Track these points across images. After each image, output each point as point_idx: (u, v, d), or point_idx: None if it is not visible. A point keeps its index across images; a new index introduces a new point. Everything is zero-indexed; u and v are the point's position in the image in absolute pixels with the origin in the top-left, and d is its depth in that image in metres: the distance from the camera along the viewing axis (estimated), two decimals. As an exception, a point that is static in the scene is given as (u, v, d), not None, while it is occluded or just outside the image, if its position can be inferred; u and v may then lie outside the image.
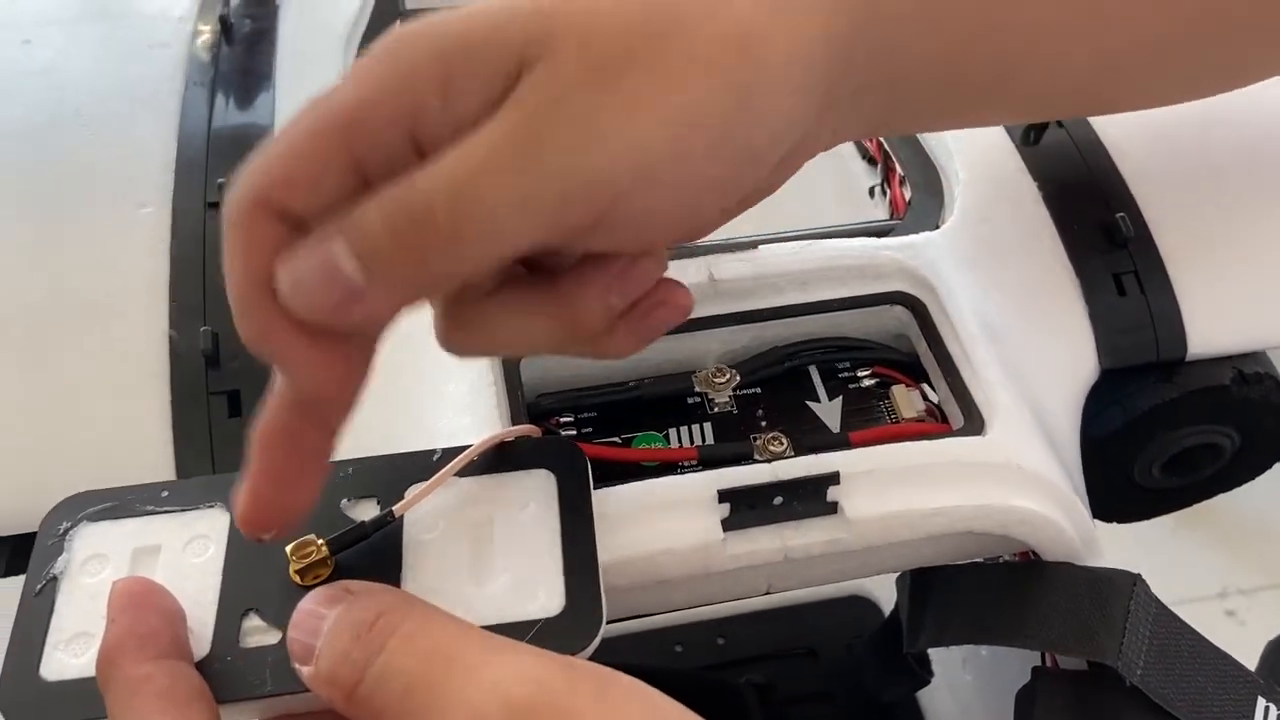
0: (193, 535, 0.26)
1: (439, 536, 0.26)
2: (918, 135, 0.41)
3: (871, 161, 0.44)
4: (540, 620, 0.24)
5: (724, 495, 0.28)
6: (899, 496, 0.28)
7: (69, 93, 0.40)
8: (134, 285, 0.34)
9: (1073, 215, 0.38)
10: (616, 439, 0.32)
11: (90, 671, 0.23)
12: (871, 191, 0.44)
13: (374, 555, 0.25)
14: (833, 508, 0.28)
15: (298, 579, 0.24)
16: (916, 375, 0.34)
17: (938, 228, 0.37)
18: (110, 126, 0.39)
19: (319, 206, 0.21)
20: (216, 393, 0.32)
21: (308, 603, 0.23)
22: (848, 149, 0.46)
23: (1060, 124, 0.40)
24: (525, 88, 0.21)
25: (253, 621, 0.24)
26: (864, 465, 0.29)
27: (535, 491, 0.27)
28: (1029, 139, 0.40)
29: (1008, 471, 0.29)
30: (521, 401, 0.31)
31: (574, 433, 0.32)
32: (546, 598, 0.25)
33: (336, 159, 0.21)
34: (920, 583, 0.33)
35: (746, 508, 0.28)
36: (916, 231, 0.37)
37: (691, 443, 0.32)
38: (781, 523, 0.28)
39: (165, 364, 0.32)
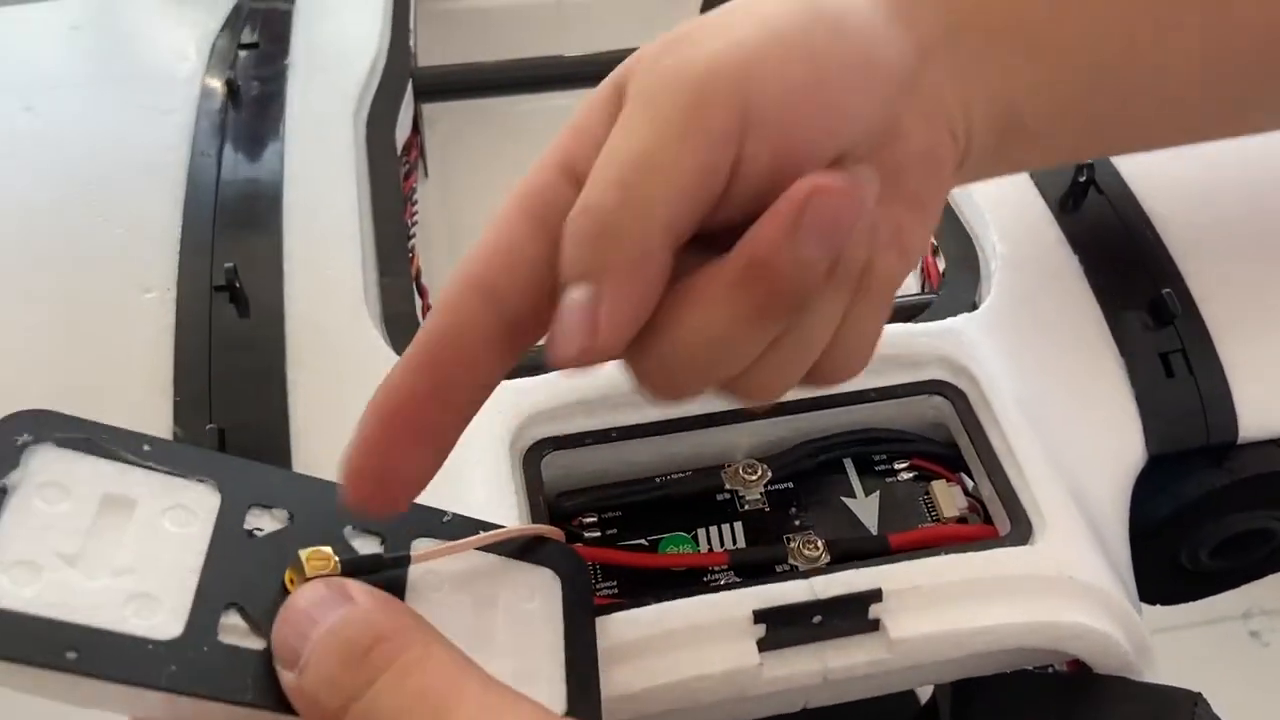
0: (176, 503, 0.23)
1: (443, 597, 0.24)
2: (951, 201, 0.40)
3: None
4: None
5: (760, 616, 0.26)
6: (945, 614, 0.27)
7: (72, 165, 0.39)
8: (135, 379, 0.32)
9: (1116, 291, 0.36)
10: (643, 540, 0.31)
11: (30, 608, 0.20)
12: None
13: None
14: (874, 625, 0.27)
15: (294, 588, 0.22)
16: (955, 466, 0.32)
17: (975, 305, 0.36)
18: (115, 203, 0.38)
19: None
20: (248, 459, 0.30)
21: (302, 600, 0.21)
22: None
23: (1100, 190, 0.39)
24: (629, 91, 0.23)
25: (233, 619, 0.22)
26: (907, 580, 0.27)
27: (541, 588, 0.25)
28: (1067, 205, 0.38)
29: (1059, 584, 0.28)
30: (543, 504, 0.30)
31: (598, 534, 0.31)
32: (548, 696, 0.23)
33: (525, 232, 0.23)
34: (964, 691, 0.31)
35: (784, 626, 0.27)
36: (952, 309, 0.35)
37: (721, 544, 0.30)
38: (821, 641, 0.27)
39: (169, 465, 0.31)
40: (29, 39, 0.48)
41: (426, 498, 0.27)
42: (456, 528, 0.25)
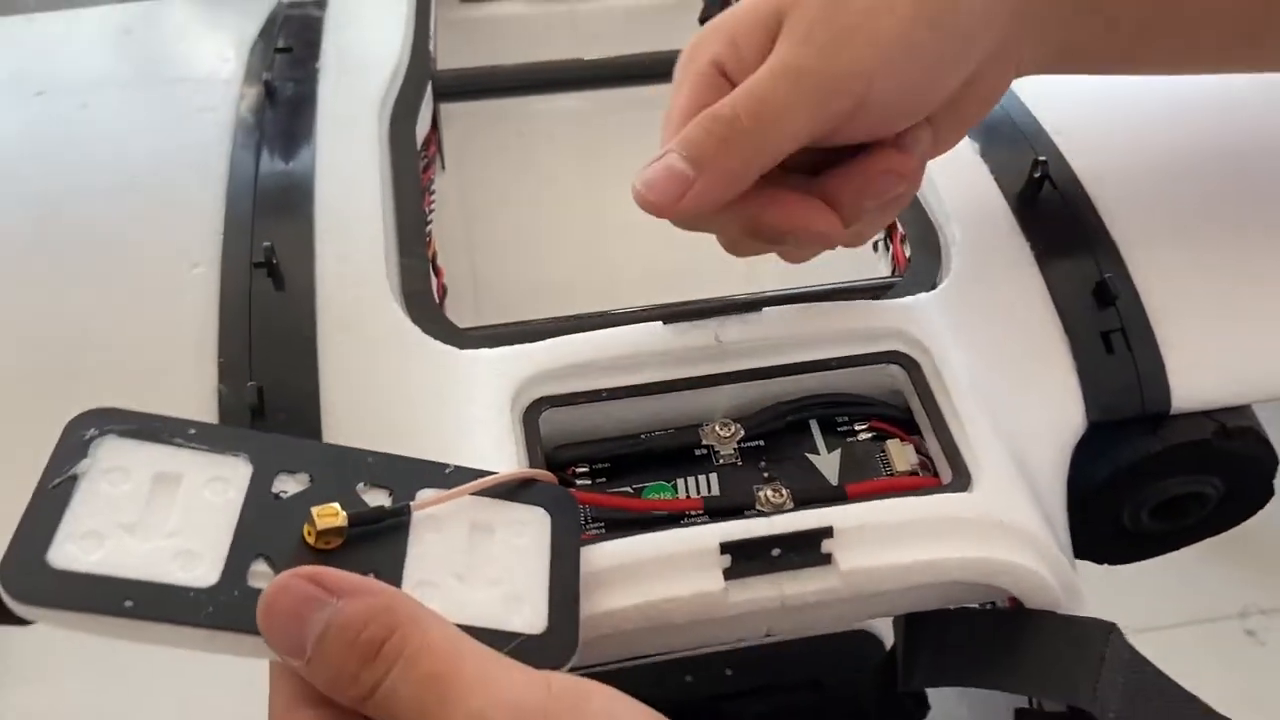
0: (215, 475, 0.27)
1: (442, 538, 0.28)
2: (918, 195, 0.43)
3: (876, 217, 0.46)
4: (522, 635, 0.27)
5: (725, 547, 0.30)
6: (888, 549, 0.31)
7: (126, 158, 0.44)
8: (186, 344, 0.36)
9: (1064, 275, 0.40)
10: (629, 488, 0.35)
11: (96, 569, 0.24)
12: (875, 246, 0.46)
13: (382, 540, 0.27)
14: (826, 559, 0.31)
15: (311, 540, 0.27)
16: (911, 430, 0.36)
17: (934, 287, 0.39)
18: (164, 191, 0.42)
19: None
20: (276, 434, 0.35)
21: (286, 598, 0.24)
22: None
23: (1054, 185, 0.42)
24: (785, 29, 0.32)
25: (261, 566, 0.26)
26: (856, 520, 0.31)
27: (532, 524, 0.29)
28: (1025, 198, 0.42)
29: (991, 526, 0.32)
30: (540, 452, 0.34)
31: (589, 482, 0.35)
32: (531, 616, 0.27)
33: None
34: (914, 626, 0.35)
35: (746, 559, 0.30)
36: (913, 289, 0.39)
37: (698, 492, 0.34)
38: (779, 573, 0.31)
39: (215, 417, 0.35)
40: (85, 42, 0.53)
41: (437, 452, 0.32)
42: (457, 477, 0.29)
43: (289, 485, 0.28)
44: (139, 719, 1.06)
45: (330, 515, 0.27)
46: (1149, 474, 0.39)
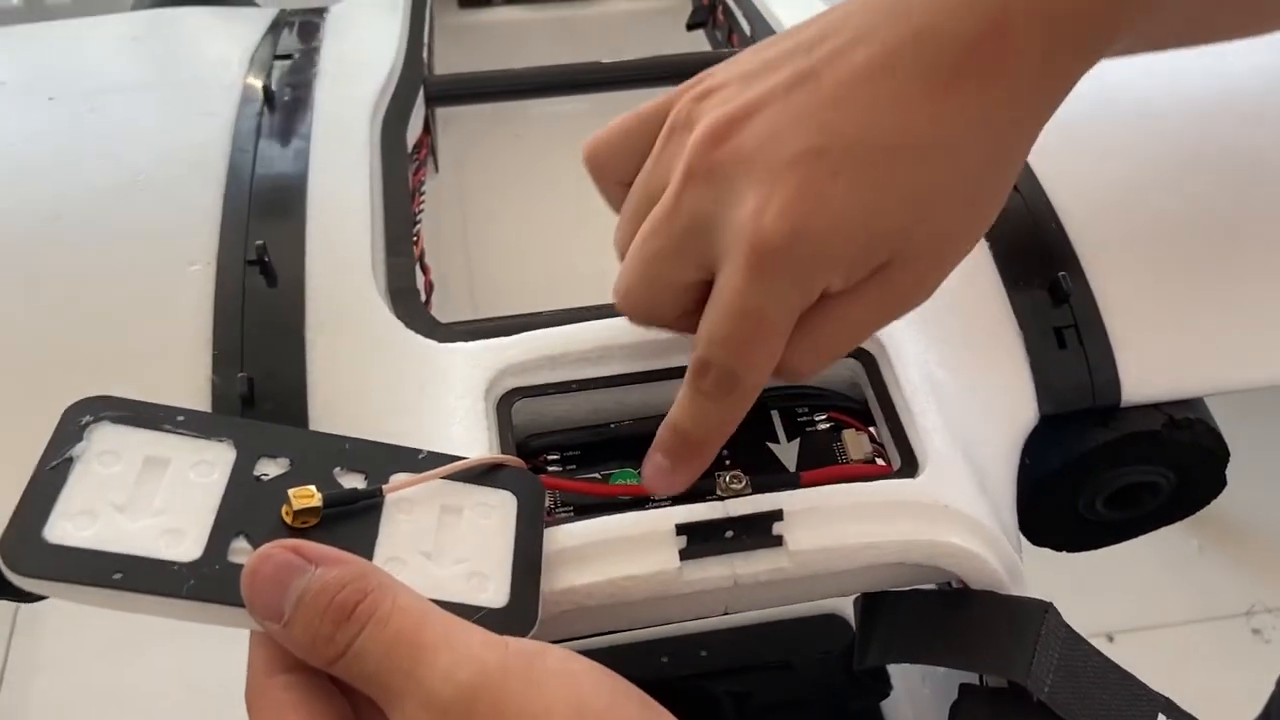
0: (200, 459, 0.30)
1: (413, 519, 0.30)
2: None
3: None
4: (484, 609, 0.29)
5: (681, 529, 0.32)
6: (836, 531, 0.33)
7: (130, 158, 0.46)
8: (183, 336, 0.39)
9: (1019, 273, 0.41)
10: (597, 475, 0.37)
11: (88, 544, 0.26)
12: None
13: (355, 520, 0.29)
14: (777, 540, 0.33)
15: (288, 520, 0.29)
16: (867, 420, 0.38)
17: (895, 285, 0.41)
18: (166, 191, 0.44)
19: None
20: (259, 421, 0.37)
21: (269, 566, 0.26)
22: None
23: (1015, 188, 0.44)
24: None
25: (241, 544, 0.28)
26: (807, 504, 0.33)
27: (499, 506, 0.31)
28: (987, 200, 0.44)
29: (936, 510, 0.33)
30: (511, 440, 0.36)
31: (559, 468, 0.37)
32: (494, 592, 0.29)
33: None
34: (869, 606, 0.37)
35: (701, 540, 0.32)
36: (876, 288, 0.41)
37: (663, 479, 0.36)
38: (732, 553, 0.33)
39: (208, 406, 0.37)
40: (95, 47, 0.56)
41: (416, 439, 0.34)
42: (430, 462, 0.31)
43: (270, 468, 0.30)
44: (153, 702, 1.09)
45: (306, 496, 0.29)
46: (1100, 464, 0.41)
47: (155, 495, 0.29)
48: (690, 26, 0.63)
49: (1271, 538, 1.37)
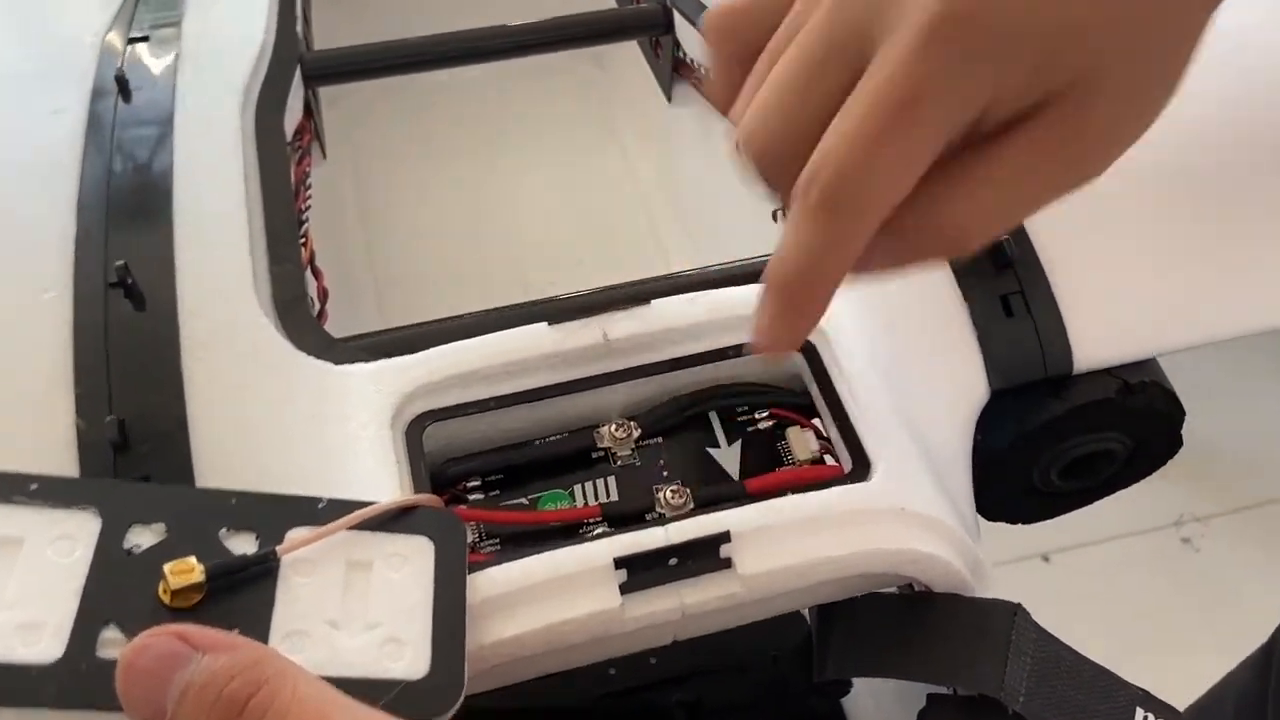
0: (60, 534, 0.25)
1: (314, 581, 0.26)
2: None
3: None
4: (402, 682, 0.25)
5: (620, 562, 0.29)
6: (789, 549, 0.30)
7: (-37, 172, 0.40)
8: (38, 377, 0.34)
9: (961, 240, 0.39)
10: (523, 499, 0.33)
11: None
12: (775, 215, 0.45)
13: (247, 590, 0.26)
14: (726, 563, 0.30)
15: (167, 600, 0.25)
16: (811, 413, 0.35)
17: (831, 261, 0.38)
18: (11, 208, 0.39)
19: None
20: (129, 480, 0.33)
21: (145, 659, 0.22)
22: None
23: (950, 144, 0.41)
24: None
25: (112, 633, 0.24)
26: (755, 521, 0.30)
27: (413, 555, 0.28)
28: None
29: (893, 516, 0.31)
30: (424, 471, 0.32)
31: (481, 496, 0.33)
32: (411, 659, 0.26)
33: None
34: (825, 614, 0.34)
35: (642, 571, 0.29)
36: (811, 266, 0.38)
37: (595, 498, 0.33)
38: (678, 581, 0.30)
39: (74, 455, 0.33)
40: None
41: (317, 477, 0.30)
42: (331, 512, 0.27)
43: (143, 538, 0.26)
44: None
45: (185, 571, 0.25)
46: (1055, 435, 0.39)
47: (6, 584, 0.25)
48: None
49: (1196, 448, 1.41)
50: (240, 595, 0.26)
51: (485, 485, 0.33)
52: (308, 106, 0.48)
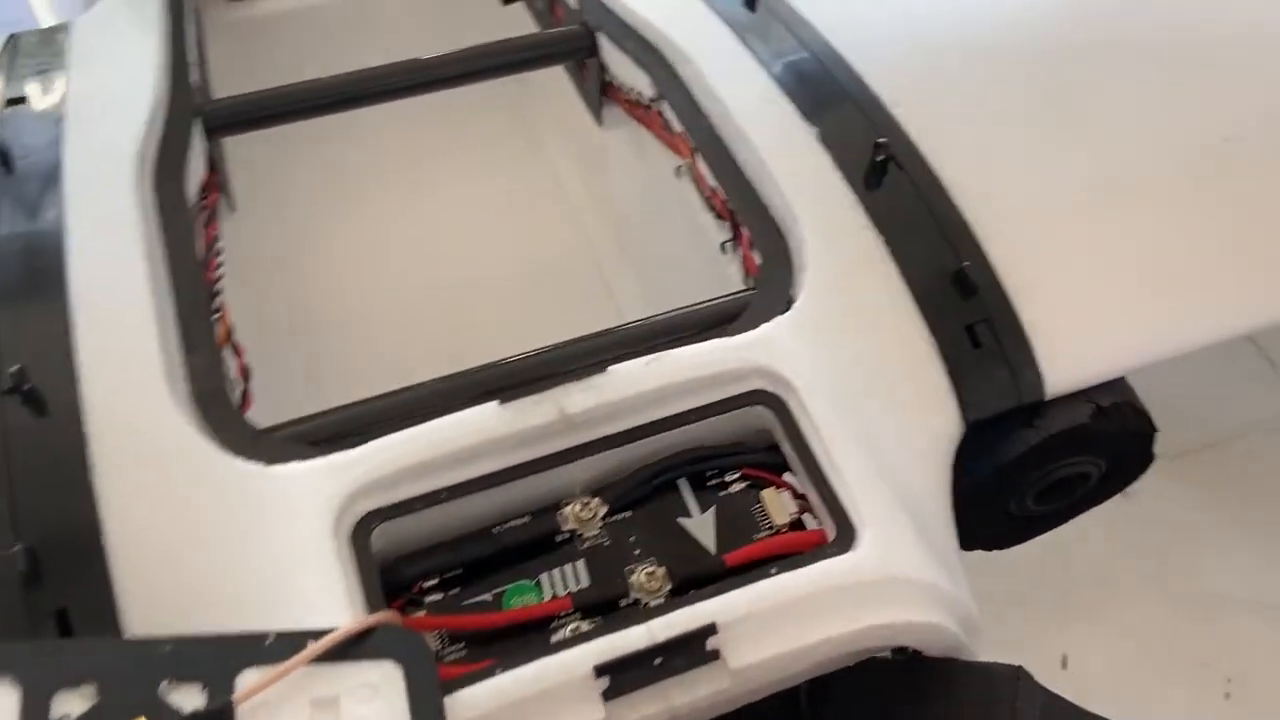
0: None
1: None
2: (759, 193, 0.40)
3: (719, 217, 0.43)
4: None
5: (601, 670, 0.27)
6: (779, 635, 0.28)
7: None
8: (-71, 509, 0.30)
9: (921, 269, 0.37)
10: (487, 596, 0.31)
11: None
12: (724, 247, 0.43)
13: None
14: (714, 655, 0.28)
15: None
16: (784, 467, 0.33)
17: (790, 303, 0.36)
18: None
19: None
20: (41, 615, 0.29)
21: None
22: (695, 201, 0.44)
23: (900, 165, 0.39)
24: None
25: None
26: (742, 608, 0.28)
27: (382, 685, 0.25)
28: (870, 183, 0.39)
29: (885, 586, 0.29)
30: (376, 580, 0.29)
31: (440, 596, 0.31)
32: None
33: None
34: (819, 688, 0.32)
35: (626, 673, 0.27)
36: (768, 309, 0.36)
37: (565, 588, 0.31)
38: (664, 680, 0.28)
39: (-21, 595, 0.29)
40: None
41: (255, 604, 0.27)
42: (282, 648, 0.25)
43: (73, 704, 0.23)
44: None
45: None
46: (1032, 464, 0.37)
47: None
48: (507, 0, 0.55)
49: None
50: None
51: (444, 583, 0.31)
52: (211, 160, 0.45)
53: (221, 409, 0.33)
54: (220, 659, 0.24)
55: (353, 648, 0.26)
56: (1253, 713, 0.70)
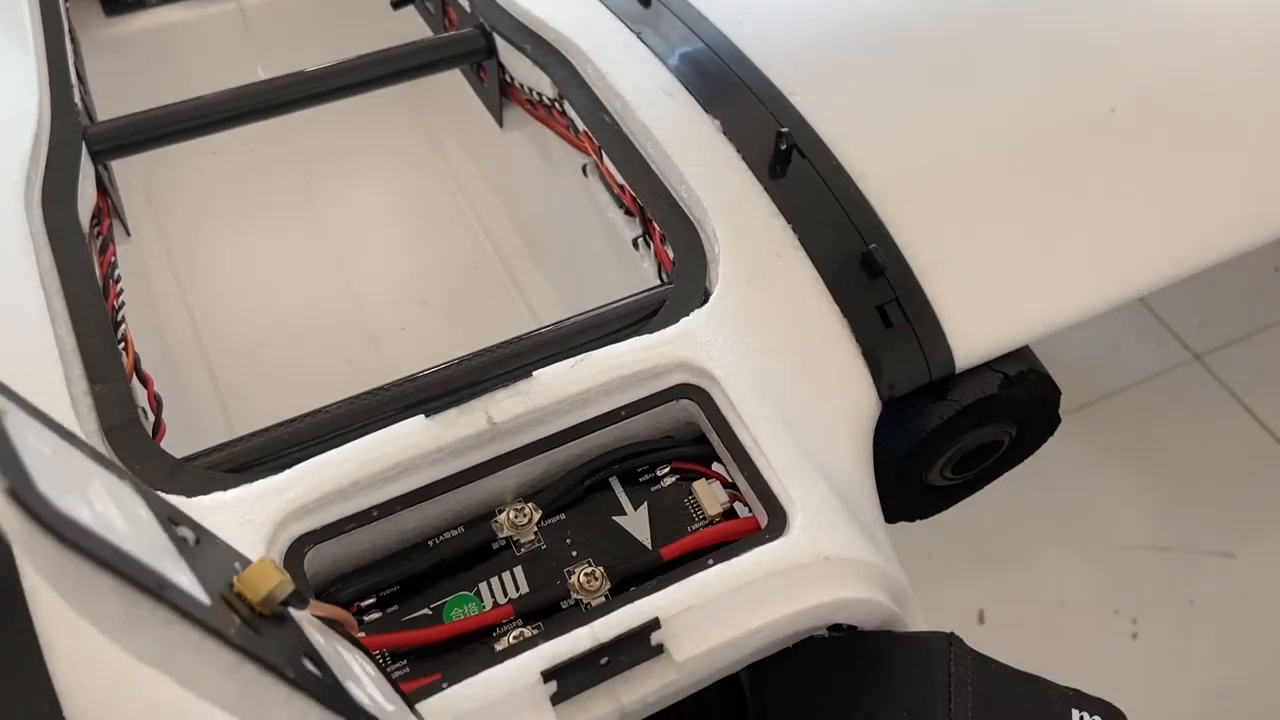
0: None
1: None
2: (668, 187, 0.40)
3: (629, 214, 0.43)
4: None
5: (549, 674, 0.27)
6: (721, 625, 0.28)
7: None
8: None
9: (830, 254, 0.38)
10: (427, 610, 0.30)
11: None
12: (636, 243, 0.43)
13: None
14: (658, 650, 0.28)
15: None
16: (713, 458, 0.34)
17: (706, 296, 0.37)
18: None
19: None
20: None
21: None
22: (604, 198, 0.45)
23: (803, 154, 0.40)
24: None
25: None
26: (683, 601, 0.28)
27: None
28: (775, 172, 0.40)
29: (819, 567, 0.30)
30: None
31: (379, 614, 0.30)
32: None
33: None
34: (759, 671, 0.33)
35: (574, 675, 0.27)
36: (686, 303, 0.36)
37: (505, 595, 0.31)
38: (612, 679, 0.28)
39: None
40: None
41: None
42: None
43: None
44: None
45: None
46: (947, 436, 0.39)
47: None
48: (396, 4, 0.54)
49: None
50: None
51: (382, 601, 0.31)
52: (100, 184, 0.43)
53: (135, 441, 0.32)
54: None
55: None
56: (1157, 648, 0.74)
